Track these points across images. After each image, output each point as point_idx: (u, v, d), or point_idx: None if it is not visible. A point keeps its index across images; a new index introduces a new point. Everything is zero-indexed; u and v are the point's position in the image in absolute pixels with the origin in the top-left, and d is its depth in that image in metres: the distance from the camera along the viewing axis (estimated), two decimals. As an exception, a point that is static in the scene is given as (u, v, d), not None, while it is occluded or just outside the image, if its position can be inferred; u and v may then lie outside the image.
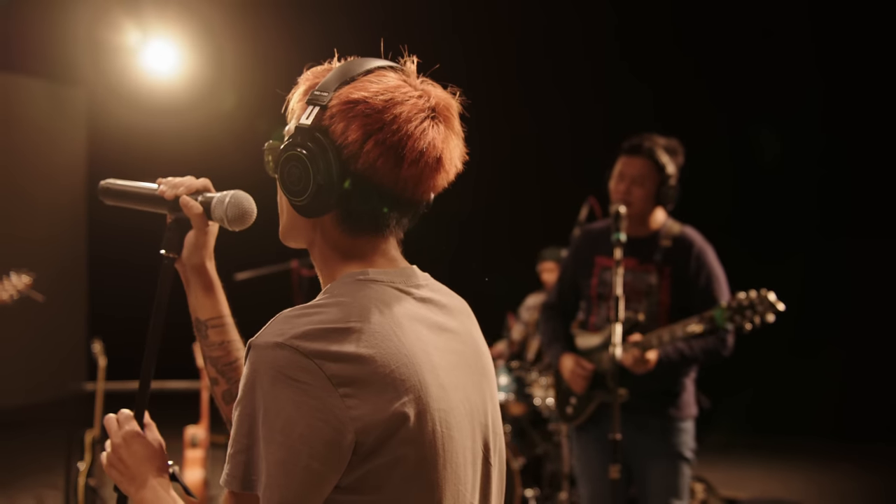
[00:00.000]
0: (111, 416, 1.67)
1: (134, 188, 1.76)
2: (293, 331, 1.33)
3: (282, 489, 1.31)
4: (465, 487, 1.46)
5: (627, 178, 3.72)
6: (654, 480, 3.75)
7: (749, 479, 6.89)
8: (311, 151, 1.41)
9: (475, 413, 1.50)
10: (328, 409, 1.31)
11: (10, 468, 7.59)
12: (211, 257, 1.78)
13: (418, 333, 1.43)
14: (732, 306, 3.44)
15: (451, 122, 1.48)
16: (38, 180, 10.18)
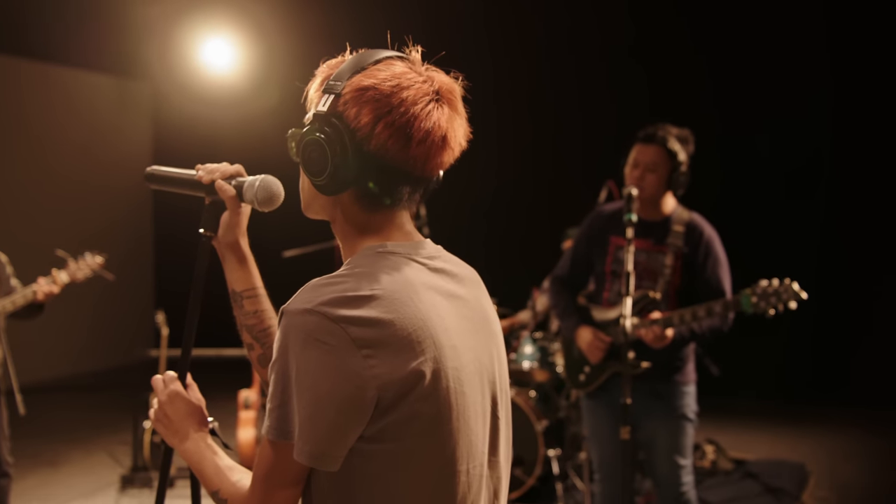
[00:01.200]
0: (158, 377, 1.72)
1: (175, 174, 1.80)
2: (320, 298, 1.38)
3: (311, 440, 1.37)
4: (477, 438, 1.50)
5: (641, 165, 3.72)
6: (661, 441, 3.77)
7: (757, 442, 6.84)
8: (327, 135, 1.45)
9: (484, 371, 1.54)
10: (352, 368, 1.36)
11: (86, 426, 7.70)
12: (244, 235, 1.81)
13: (432, 300, 1.47)
14: (758, 292, 3.45)
15: (455, 104, 1.51)
16: (109, 169, 10.24)
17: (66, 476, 6.29)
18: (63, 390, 9.25)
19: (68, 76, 9.95)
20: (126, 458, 6.53)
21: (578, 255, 4.02)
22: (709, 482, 5.79)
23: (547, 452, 5.37)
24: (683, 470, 3.77)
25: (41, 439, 7.09)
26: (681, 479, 3.76)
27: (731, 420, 7.40)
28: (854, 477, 6.08)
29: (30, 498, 5.67)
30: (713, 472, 5.97)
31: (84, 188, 10.03)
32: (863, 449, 6.75)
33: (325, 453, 1.38)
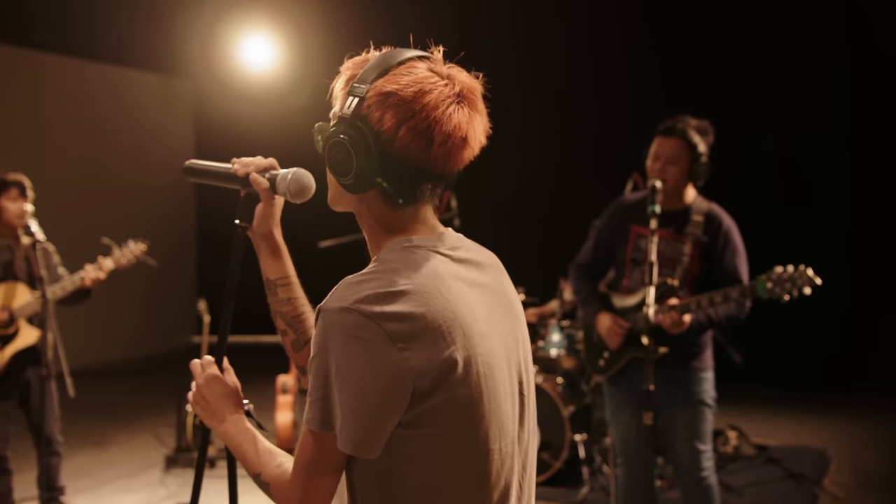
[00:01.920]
0: (196, 361, 1.74)
1: (212, 167, 1.81)
2: (355, 296, 1.40)
3: (353, 431, 1.40)
4: (508, 418, 1.52)
5: (662, 158, 3.70)
6: (681, 426, 3.76)
7: (779, 429, 6.79)
8: (352, 138, 1.46)
9: (510, 355, 1.56)
10: (389, 361, 1.38)
11: (132, 408, 7.80)
12: (277, 226, 1.82)
13: (460, 290, 1.48)
14: (773, 278, 3.42)
15: (475, 103, 1.51)
16: (153, 163, 10.31)
17: (112, 456, 6.36)
18: (110, 374, 9.37)
19: (117, 75, 10.04)
20: (170, 440, 6.61)
21: (600, 244, 4.00)
22: (731, 467, 5.76)
23: (573, 437, 5.36)
24: (703, 455, 3.75)
25: (89, 421, 7.18)
26: (701, 463, 3.75)
27: (753, 407, 7.34)
28: (874, 462, 6.01)
29: (78, 476, 5.74)
30: (736, 458, 5.94)
31: (130, 182, 10.11)
32: (882, 435, 6.67)
33: (367, 442, 1.41)
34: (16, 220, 4.75)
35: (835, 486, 5.45)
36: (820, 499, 5.25)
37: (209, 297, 6.32)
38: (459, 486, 1.46)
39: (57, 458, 4.93)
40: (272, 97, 8.96)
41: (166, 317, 10.45)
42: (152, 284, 9.96)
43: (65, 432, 5.09)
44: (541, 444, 5.40)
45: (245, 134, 9.23)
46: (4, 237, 4.83)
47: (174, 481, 5.65)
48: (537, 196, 8.71)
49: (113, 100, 10.06)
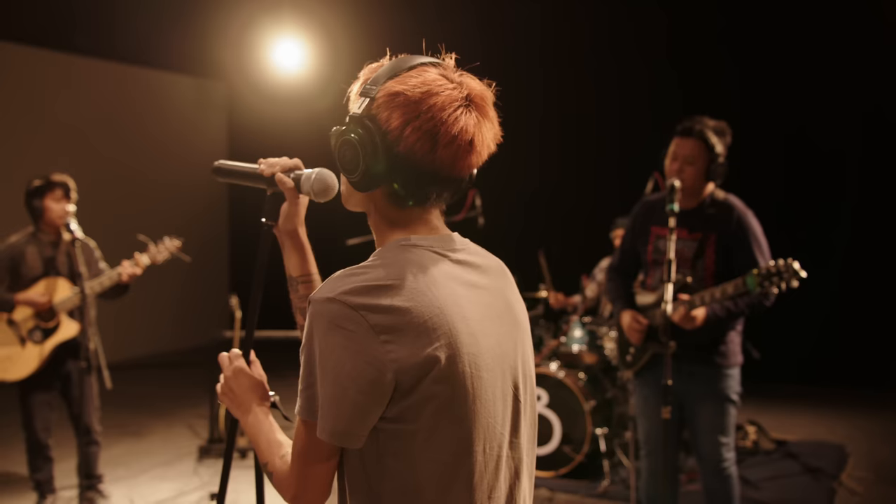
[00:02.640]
0: (224, 354, 1.75)
1: (240, 167, 1.82)
2: (342, 288, 1.39)
3: (333, 419, 1.39)
4: (496, 420, 1.49)
5: (680, 158, 3.69)
6: (704, 421, 3.75)
7: (798, 425, 6.75)
8: (360, 136, 1.46)
9: (505, 357, 1.53)
10: (371, 353, 1.37)
11: (167, 400, 7.85)
12: (302, 224, 1.82)
13: (452, 289, 1.46)
14: (762, 273, 3.43)
15: (485, 109, 1.49)
16: (188, 162, 10.38)
17: (149, 445, 6.42)
18: (148, 367, 9.47)
19: (153, 78, 10.12)
20: (203, 431, 6.68)
21: (626, 246, 4.04)
22: (750, 461, 5.73)
23: (595, 431, 5.36)
24: (725, 448, 3.75)
25: (127, 411, 7.26)
26: (723, 455, 3.75)
27: (773, 402, 7.30)
28: (891, 457, 5.95)
29: (116, 465, 5.80)
30: (755, 452, 5.90)
31: (166, 182, 10.18)
32: (897, 431, 6.63)
33: (345, 432, 1.40)
34: (58, 219, 4.82)
35: (853, 480, 5.41)
36: (838, 493, 5.20)
37: (241, 294, 6.36)
38: (440, 485, 1.43)
39: (96, 448, 5.00)
40: (302, 99, 8.99)
41: (200, 313, 10.53)
42: (187, 282, 10.07)
43: (103, 422, 5.16)
44: (562, 437, 5.41)
45: (276, 135, 9.29)
46: (48, 235, 4.91)
47: (207, 471, 5.70)
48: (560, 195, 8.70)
49: (149, 102, 10.14)
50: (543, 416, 5.46)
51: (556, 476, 5.40)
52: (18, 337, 4.82)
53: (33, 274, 4.85)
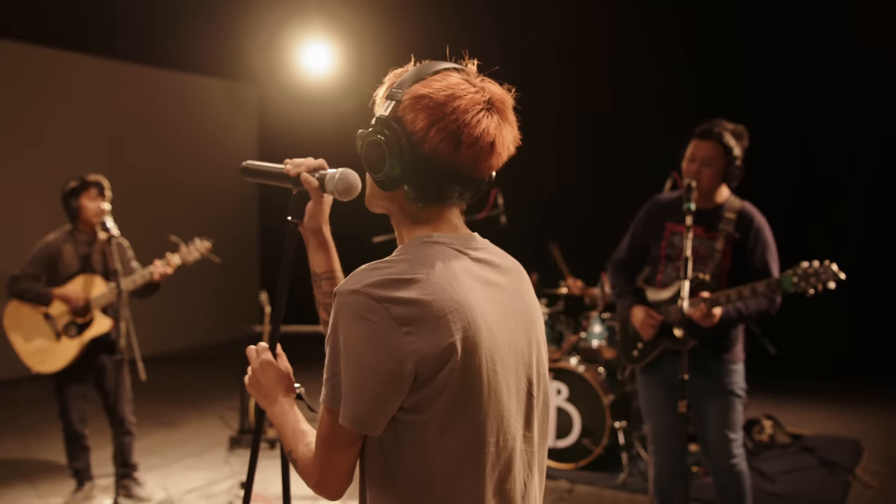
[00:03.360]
0: (251, 347, 1.76)
1: (266, 167, 1.83)
2: (366, 280, 1.41)
3: (355, 406, 1.40)
4: (509, 414, 1.50)
5: (698, 159, 3.67)
6: (711, 415, 3.73)
7: (814, 419, 6.69)
8: (386, 137, 1.47)
9: (519, 354, 1.54)
10: (393, 343, 1.38)
11: (200, 392, 7.92)
12: (326, 222, 1.83)
13: (471, 285, 1.47)
14: (799, 273, 3.40)
15: (505, 113, 1.51)
16: (220, 164, 10.42)
17: (181, 436, 6.47)
18: (181, 360, 9.54)
19: (187, 81, 10.19)
20: (234, 422, 6.72)
21: (636, 240, 4.00)
22: (767, 455, 5.69)
23: (613, 424, 5.35)
24: (734, 443, 3.73)
25: (161, 403, 7.32)
26: (731, 451, 3.73)
27: (789, 397, 7.25)
28: (907, 452, 5.90)
29: (150, 454, 5.85)
30: (771, 446, 5.86)
31: (199, 182, 10.24)
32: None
33: (366, 419, 1.41)
34: (94, 217, 4.87)
35: (867, 474, 5.36)
36: (852, 487, 5.16)
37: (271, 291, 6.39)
38: (451, 474, 1.44)
39: (130, 438, 5.05)
40: (329, 101, 9.01)
41: (232, 308, 10.59)
42: (220, 279, 10.13)
43: (138, 413, 5.21)
44: (582, 430, 5.40)
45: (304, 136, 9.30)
46: (84, 233, 4.96)
47: (237, 460, 5.73)
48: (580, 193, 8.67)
49: (183, 105, 10.21)
50: (563, 409, 5.45)
51: (576, 468, 5.39)
52: (54, 331, 4.88)
53: (70, 271, 4.91)
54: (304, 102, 9.48)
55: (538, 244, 6.88)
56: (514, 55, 2.02)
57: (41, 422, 6.48)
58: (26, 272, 4.86)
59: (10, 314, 4.92)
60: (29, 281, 4.85)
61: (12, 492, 5.19)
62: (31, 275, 4.86)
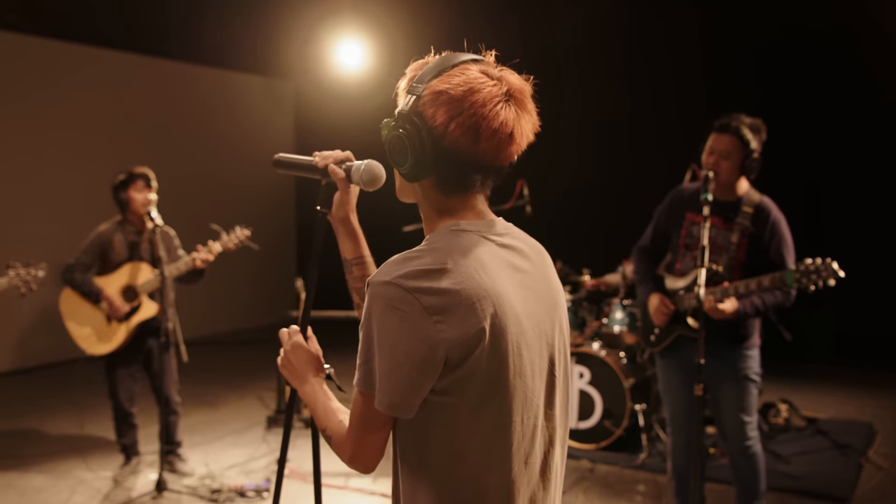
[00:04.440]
0: (284, 330, 1.78)
1: (297, 160, 1.84)
2: (398, 272, 1.42)
3: (389, 392, 1.42)
4: (533, 393, 1.52)
5: (717, 152, 3.66)
6: (727, 400, 3.74)
7: (828, 403, 6.64)
8: (408, 132, 1.48)
9: (543, 336, 1.55)
10: (424, 332, 1.39)
11: (239, 374, 7.97)
12: (353, 211, 1.85)
13: (497, 272, 1.48)
14: (801, 269, 3.41)
15: (523, 102, 1.50)
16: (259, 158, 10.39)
17: (222, 415, 6.54)
18: (222, 344, 9.62)
19: (226, 78, 10.26)
20: (272, 402, 6.80)
21: (658, 228, 4.00)
22: (782, 437, 5.66)
23: (634, 407, 5.35)
24: (748, 426, 3.73)
25: (203, 384, 7.40)
26: (746, 434, 3.73)
27: (804, 382, 7.20)
28: (919, 436, 5.84)
29: (193, 432, 5.94)
30: (787, 429, 5.83)
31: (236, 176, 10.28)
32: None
33: (400, 403, 1.43)
34: (141, 207, 4.95)
35: (879, 457, 5.32)
36: (864, 469, 5.12)
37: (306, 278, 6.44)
38: (482, 452, 1.46)
39: (175, 416, 5.14)
40: (363, 96, 9.01)
41: (271, 294, 10.65)
42: (260, 267, 10.23)
43: (182, 394, 5.29)
44: (603, 412, 5.41)
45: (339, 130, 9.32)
46: (132, 223, 5.04)
47: (275, 438, 5.80)
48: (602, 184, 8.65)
49: (223, 101, 10.27)
50: (586, 392, 5.46)
51: (598, 448, 5.41)
52: (105, 316, 4.97)
53: (119, 259, 5.00)
54: (338, 98, 9.50)
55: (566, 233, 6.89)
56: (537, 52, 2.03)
57: (93, 400, 6.59)
58: (80, 261, 4.96)
59: (65, 300, 5.03)
60: (82, 270, 4.95)
61: (66, 464, 5.31)
62: (84, 264, 4.96)
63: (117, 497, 4.73)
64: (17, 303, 7.97)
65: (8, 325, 8.11)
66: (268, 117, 10.86)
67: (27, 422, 6.37)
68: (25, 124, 8.13)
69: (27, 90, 8.11)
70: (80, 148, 8.55)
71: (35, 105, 8.19)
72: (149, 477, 5.02)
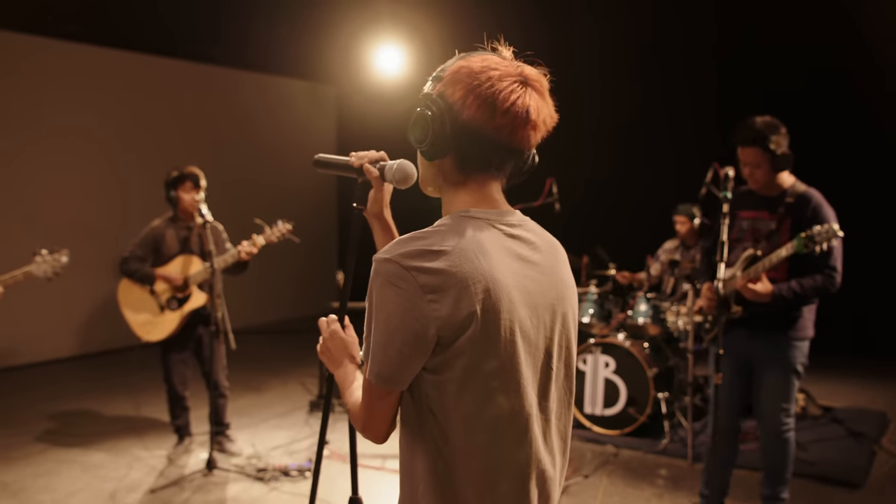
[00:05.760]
0: (322, 319, 1.79)
1: (334, 160, 1.86)
2: (400, 250, 1.40)
3: (380, 364, 1.42)
4: (526, 381, 1.48)
5: (748, 164, 3.73)
6: (768, 386, 3.74)
7: (843, 393, 6.56)
8: (429, 108, 1.48)
9: (542, 327, 1.51)
10: (418, 309, 1.38)
11: (284, 361, 8.03)
12: (387, 207, 1.85)
13: (499, 259, 1.45)
14: (808, 235, 3.48)
15: (540, 90, 1.49)
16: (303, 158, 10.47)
17: (267, 399, 6.59)
18: (268, 333, 9.71)
19: (271, 83, 10.34)
20: (314, 387, 6.86)
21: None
22: (799, 425, 5.57)
23: (657, 395, 5.33)
24: (784, 413, 3.73)
25: (250, 370, 7.48)
26: (782, 420, 3.74)
27: (821, 372, 7.06)
28: (932, 425, 5.74)
29: (240, 415, 6.01)
30: (803, 417, 5.76)
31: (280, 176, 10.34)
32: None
33: (390, 376, 1.42)
34: (190, 207, 5.03)
35: (892, 444, 5.24)
36: (877, 456, 5.05)
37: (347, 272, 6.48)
38: (468, 430, 1.43)
39: (224, 400, 5.21)
40: (401, 99, 9.06)
41: (313, 287, 10.73)
42: (305, 262, 10.33)
43: (230, 379, 5.34)
44: (628, 400, 5.39)
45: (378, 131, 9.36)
46: (182, 219, 5.12)
47: (316, 421, 5.83)
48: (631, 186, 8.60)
49: (268, 104, 10.34)
50: (611, 381, 5.45)
51: (622, 434, 5.39)
52: (159, 305, 5.06)
53: (171, 252, 5.08)
54: (377, 101, 9.53)
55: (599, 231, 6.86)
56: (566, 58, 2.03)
57: (148, 384, 6.71)
58: (135, 254, 5.05)
59: (122, 291, 5.12)
60: (136, 262, 5.03)
61: (123, 443, 5.42)
62: (139, 256, 5.04)
63: (171, 474, 4.81)
64: (79, 294, 8.17)
65: (71, 315, 8.29)
66: (311, 120, 10.92)
67: (89, 403, 6.50)
68: (88, 130, 8.29)
69: (87, 97, 8.26)
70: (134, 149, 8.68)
71: (94, 111, 8.34)
72: (200, 456, 5.10)
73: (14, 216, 7.71)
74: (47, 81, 7.92)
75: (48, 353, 8.11)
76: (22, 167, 7.80)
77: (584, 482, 4.65)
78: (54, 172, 8.04)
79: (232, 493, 4.51)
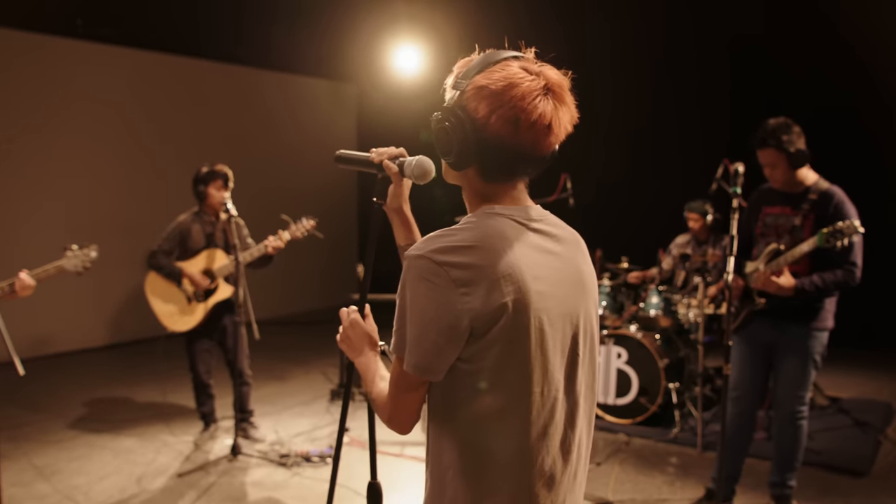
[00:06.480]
0: (343, 309, 1.80)
1: (355, 155, 1.87)
2: (431, 247, 1.43)
3: (416, 356, 1.44)
4: (554, 368, 1.50)
5: (767, 166, 3.75)
6: (786, 373, 3.76)
7: (850, 384, 6.51)
8: (452, 124, 1.48)
9: (567, 316, 1.52)
10: (451, 302, 1.40)
11: (306, 350, 8.05)
12: (406, 202, 1.86)
13: (526, 252, 1.47)
14: (829, 231, 3.47)
15: (562, 96, 1.48)
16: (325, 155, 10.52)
17: (290, 388, 6.61)
18: (291, 323, 9.74)
19: (294, 82, 10.35)
20: (335, 377, 6.88)
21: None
22: (807, 415, 5.58)
23: (668, 385, 5.31)
24: (799, 400, 3.75)
25: (273, 359, 7.51)
26: (797, 406, 3.76)
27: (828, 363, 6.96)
28: (937, 416, 5.68)
29: (263, 403, 6.04)
30: (811, 407, 5.71)
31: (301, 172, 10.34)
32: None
33: (427, 367, 1.44)
34: (217, 205, 5.06)
35: (898, 434, 5.22)
36: (882, 445, 5.03)
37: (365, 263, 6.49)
38: (501, 418, 1.45)
39: (247, 388, 5.24)
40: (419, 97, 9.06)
41: (335, 280, 10.75)
42: (327, 256, 10.37)
43: (254, 368, 5.37)
44: (639, 390, 5.38)
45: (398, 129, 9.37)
46: (208, 214, 5.15)
47: (337, 409, 5.82)
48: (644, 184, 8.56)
49: (291, 102, 10.34)
50: (623, 371, 5.44)
51: (633, 423, 5.38)
52: (185, 296, 5.09)
53: (197, 246, 5.11)
54: (396, 99, 9.53)
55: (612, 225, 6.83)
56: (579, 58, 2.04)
57: (175, 372, 6.75)
58: (162, 247, 5.08)
59: (150, 282, 5.16)
60: (164, 256, 5.07)
61: (151, 429, 5.47)
62: (166, 250, 5.08)
63: (197, 459, 4.85)
64: (109, 286, 8.24)
65: (102, 306, 8.37)
66: (332, 118, 10.92)
67: (118, 391, 6.56)
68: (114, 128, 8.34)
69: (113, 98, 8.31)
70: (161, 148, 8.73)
71: (120, 110, 8.39)
72: (225, 442, 5.14)
73: (48, 212, 7.79)
74: (78, 82, 7.98)
75: (81, 342, 8.19)
76: (56, 166, 7.87)
77: (597, 469, 4.65)
78: (87, 170, 8.11)
79: (255, 478, 4.54)
